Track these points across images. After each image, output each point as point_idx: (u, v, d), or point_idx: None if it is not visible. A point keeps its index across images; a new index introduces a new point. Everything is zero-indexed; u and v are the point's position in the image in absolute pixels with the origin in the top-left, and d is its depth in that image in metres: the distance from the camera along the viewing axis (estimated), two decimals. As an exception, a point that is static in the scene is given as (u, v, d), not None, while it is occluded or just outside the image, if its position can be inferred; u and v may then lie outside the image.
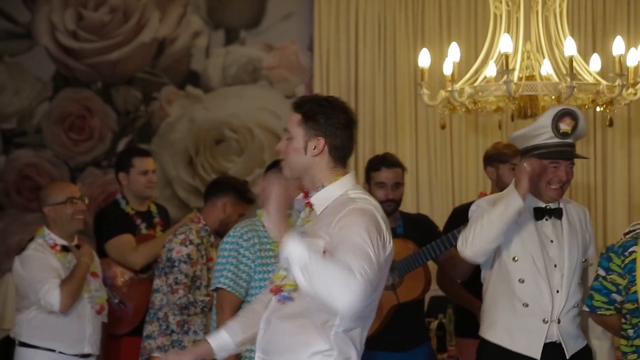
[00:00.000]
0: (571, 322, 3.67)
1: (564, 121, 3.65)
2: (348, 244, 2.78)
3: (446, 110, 5.12)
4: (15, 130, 6.94)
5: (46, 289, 4.25)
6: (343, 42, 6.55)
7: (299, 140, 2.98)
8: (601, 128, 6.28)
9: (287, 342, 2.90)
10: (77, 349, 4.38)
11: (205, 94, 6.83)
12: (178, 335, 4.56)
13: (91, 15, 6.88)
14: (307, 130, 2.97)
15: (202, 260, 4.56)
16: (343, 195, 2.95)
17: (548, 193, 3.71)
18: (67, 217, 4.37)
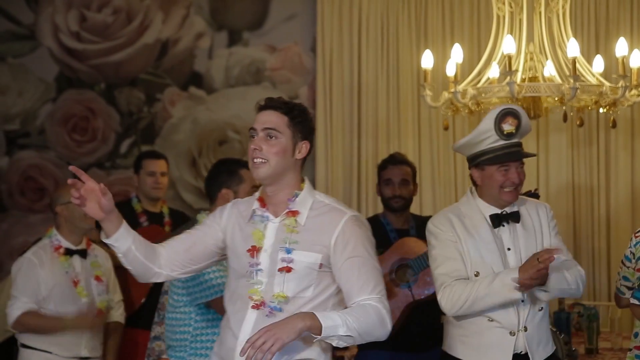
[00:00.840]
0: (538, 327, 3.56)
1: (506, 122, 3.54)
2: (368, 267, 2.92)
3: (449, 112, 5.12)
4: (18, 131, 6.95)
5: (11, 303, 4.33)
6: (346, 43, 6.55)
7: (288, 142, 2.97)
8: (604, 129, 6.28)
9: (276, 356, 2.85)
10: (74, 352, 4.39)
11: (208, 95, 6.84)
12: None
13: (94, 17, 6.88)
14: (295, 132, 2.98)
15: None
16: (315, 200, 2.99)
17: (502, 197, 3.56)
18: (80, 215, 4.35)
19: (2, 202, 6.91)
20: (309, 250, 2.93)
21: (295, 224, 2.96)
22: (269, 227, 2.99)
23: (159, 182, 5.28)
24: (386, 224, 4.52)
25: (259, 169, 2.96)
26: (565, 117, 5.04)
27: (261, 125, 2.98)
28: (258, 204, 3.02)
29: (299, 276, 2.94)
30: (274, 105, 2.99)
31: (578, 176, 6.35)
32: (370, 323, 2.86)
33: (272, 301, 2.93)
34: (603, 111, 5.04)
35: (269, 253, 2.96)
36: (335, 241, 2.92)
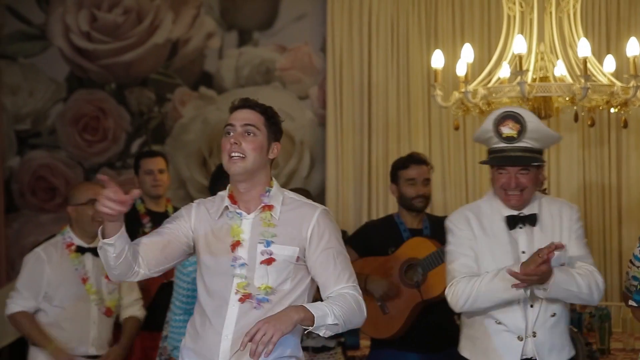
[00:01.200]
0: (550, 333, 3.48)
1: (505, 125, 3.48)
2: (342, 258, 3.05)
3: (460, 112, 5.12)
4: (29, 131, 6.97)
5: (12, 296, 4.41)
6: (356, 43, 6.54)
7: (264, 140, 3.07)
8: (615, 129, 6.26)
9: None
10: (81, 351, 4.40)
11: (218, 95, 6.85)
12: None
13: (105, 17, 6.90)
14: (270, 132, 3.08)
15: None
16: (284, 197, 3.08)
17: (506, 200, 3.52)
18: (88, 219, 4.40)
19: (13, 201, 6.94)
20: (286, 244, 3.01)
21: (271, 217, 3.03)
22: (244, 223, 3.04)
23: (157, 179, 5.24)
24: (400, 223, 4.52)
25: (236, 164, 3.02)
26: (576, 117, 5.03)
27: (240, 122, 3.05)
28: (229, 201, 3.08)
29: (278, 269, 3.00)
30: (250, 105, 3.09)
31: (589, 176, 6.33)
32: (351, 310, 2.97)
33: (259, 293, 2.99)
34: (614, 111, 5.03)
35: (246, 248, 3.01)
36: (311, 234, 3.02)
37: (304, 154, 6.74)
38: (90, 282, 4.42)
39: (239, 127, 3.04)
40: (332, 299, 2.98)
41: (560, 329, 3.53)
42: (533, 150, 3.49)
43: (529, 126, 3.46)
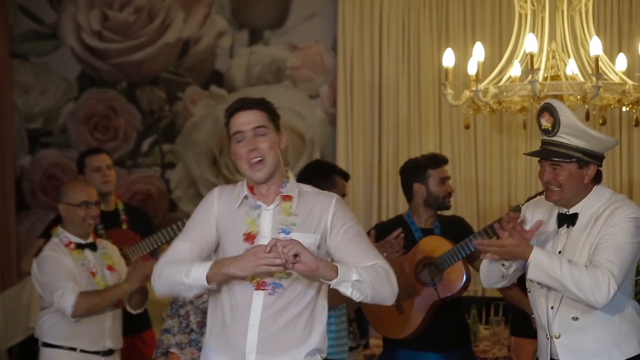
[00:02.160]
0: (577, 337, 3.37)
1: (543, 117, 3.43)
2: (365, 239, 3.11)
3: (470, 110, 5.10)
4: (41, 130, 6.99)
5: (60, 293, 4.25)
6: (367, 42, 6.54)
7: (274, 136, 3.09)
8: (627, 128, 6.24)
9: (285, 341, 3.00)
10: (99, 346, 4.38)
11: (229, 94, 6.85)
12: (197, 335, 4.57)
13: (116, 16, 6.91)
14: (274, 126, 3.10)
15: None
16: (300, 188, 3.12)
17: (546, 195, 3.45)
18: (78, 220, 4.40)
19: (24, 200, 6.96)
20: (307, 232, 3.05)
21: (290, 207, 3.06)
22: (263, 215, 3.07)
23: (106, 174, 5.15)
24: (411, 223, 4.51)
25: (260, 170, 3.04)
26: (587, 116, 5.00)
27: (249, 126, 3.06)
28: (248, 191, 3.10)
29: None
30: (250, 105, 3.08)
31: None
32: (379, 278, 2.97)
33: (275, 279, 3.01)
34: (626, 110, 5.01)
35: (268, 238, 3.00)
36: (332, 220, 3.07)
37: (315, 153, 6.74)
38: (98, 275, 4.41)
39: (249, 131, 3.05)
40: (361, 267, 2.99)
41: (592, 334, 3.38)
42: (569, 147, 3.39)
43: (563, 120, 3.38)
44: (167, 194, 6.87)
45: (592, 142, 3.42)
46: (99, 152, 5.28)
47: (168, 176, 6.90)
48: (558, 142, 3.40)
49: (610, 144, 3.52)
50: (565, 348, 3.40)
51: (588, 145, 3.41)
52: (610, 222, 3.36)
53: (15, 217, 6.85)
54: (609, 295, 3.26)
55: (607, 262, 3.30)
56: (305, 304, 3.04)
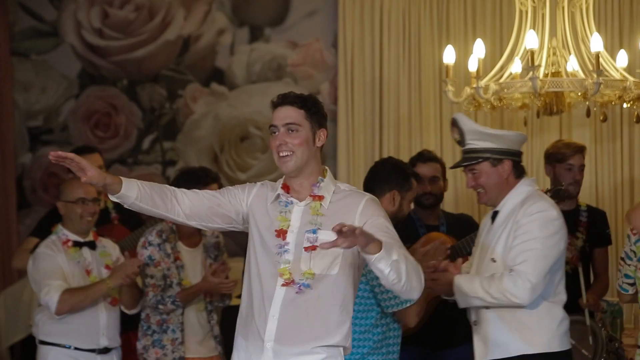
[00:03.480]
0: (488, 326, 3.63)
1: (453, 131, 3.75)
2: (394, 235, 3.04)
3: (471, 107, 5.10)
4: (41, 127, 6.99)
5: (46, 290, 4.26)
6: (367, 39, 6.53)
7: (308, 133, 3.13)
8: (628, 124, 6.23)
9: (304, 334, 3.06)
10: (92, 343, 4.36)
11: (230, 91, 6.85)
12: (158, 335, 4.57)
13: (117, 13, 6.91)
14: (313, 123, 3.14)
15: (168, 259, 4.53)
16: (336, 187, 3.17)
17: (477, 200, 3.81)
18: (76, 217, 4.40)
19: (25, 198, 6.96)
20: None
21: (320, 207, 3.12)
22: (294, 211, 3.14)
23: None
24: (416, 219, 4.52)
25: (288, 162, 3.12)
26: (588, 113, 5.00)
27: (281, 121, 3.12)
28: (282, 190, 3.18)
29: (324, 255, 3.07)
30: (289, 100, 3.15)
31: (601, 172, 6.30)
32: (414, 266, 2.98)
33: (301, 279, 3.07)
34: (627, 106, 5.01)
35: (295, 234, 3.11)
36: (359, 217, 3.08)
37: (316, 150, 6.73)
38: (93, 274, 4.40)
39: (281, 126, 3.12)
40: None
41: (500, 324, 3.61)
42: (477, 150, 3.67)
43: (465, 129, 3.67)
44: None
45: (497, 140, 3.64)
46: (92, 152, 5.24)
47: (169, 174, 6.90)
48: (468, 149, 3.68)
49: (518, 138, 3.73)
50: (478, 335, 3.64)
51: (496, 144, 3.63)
52: (522, 220, 3.54)
53: (17, 215, 6.84)
54: (529, 295, 3.48)
55: (521, 264, 3.51)
56: (329, 300, 3.08)
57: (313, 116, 3.14)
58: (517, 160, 3.70)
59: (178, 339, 4.50)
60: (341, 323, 3.11)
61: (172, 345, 4.50)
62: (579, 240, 4.73)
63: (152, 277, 4.51)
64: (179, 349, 4.50)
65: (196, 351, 4.54)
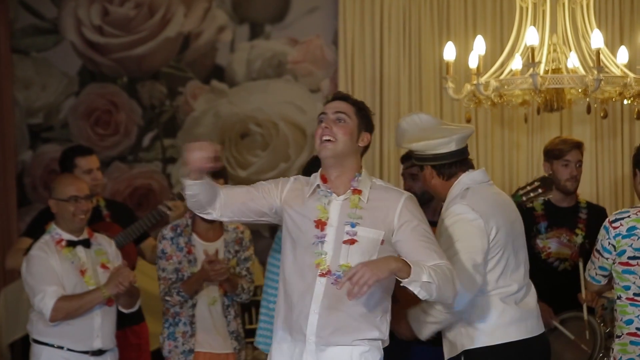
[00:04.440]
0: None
1: None
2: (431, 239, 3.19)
3: (472, 104, 5.10)
4: (42, 125, 6.99)
5: (41, 297, 4.20)
6: (368, 35, 6.53)
7: (354, 127, 3.23)
8: (629, 121, 6.23)
9: (345, 328, 3.14)
10: (86, 345, 4.29)
11: (230, 89, 6.85)
12: (173, 327, 4.60)
13: (117, 11, 6.91)
14: (361, 122, 3.24)
15: (180, 253, 4.55)
16: (373, 183, 3.25)
17: None
18: (69, 215, 4.31)
19: (25, 195, 6.96)
20: (372, 227, 3.17)
21: (359, 201, 3.19)
22: (333, 204, 3.22)
23: (97, 178, 5.06)
24: None
25: (327, 146, 3.20)
26: (589, 109, 4.99)
27: (332, 110, 3.24)
28: (321, 181, 3.25)
29: (362, 250, 3.15)
30: (343, 96, 3.29)
31: (602, 168, 6.30)
32: (445, 278, 3.07)
33: (338, 270, 3.14)
34: (627, 102, 5.00)
35: (335, 227, 3.19)
36: (398, 218, 3.17)
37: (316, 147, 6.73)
38: (88, 273, 4.32)
39: (331, 114, 3.23)
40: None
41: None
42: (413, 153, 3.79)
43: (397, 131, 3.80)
44: (168, 188, 6.87)
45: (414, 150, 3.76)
46: (90, 154, 5.16)
47: (169, 171, 6.90)
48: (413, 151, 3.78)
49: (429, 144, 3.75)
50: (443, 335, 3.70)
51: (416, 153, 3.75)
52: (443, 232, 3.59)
53: (17, 213, 6.85)
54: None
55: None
56: (367, 295, 3.10)
57: (362, 117, 3.25)
58: (437, 163, 3.70)
59: (188, 331, 4.52)
60: (380, 317, 3.20)
61: (182, 337, 4.53)
62: (579, 236, 4.73)
63: (164, 271, 4.55)
64: (188, 341, 4.52)
65: (207, 345, 4.53)
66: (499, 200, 3.72)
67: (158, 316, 4.96)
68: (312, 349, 3.15)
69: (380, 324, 3.21)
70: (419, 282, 3.00)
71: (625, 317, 3.83)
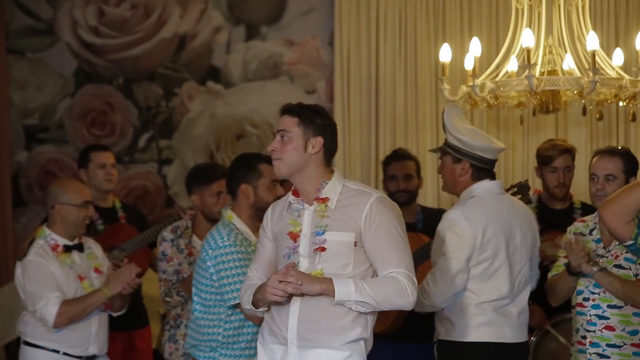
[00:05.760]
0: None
1: None
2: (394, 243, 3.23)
3: (467, 106, 5.10)
4: (37, 125, 6.98)
5: (43, 303, 4.16)
6: (364, 37, 6.53)
7: (298, 140, 3.29)
8: (624, 123, 6.24)
9: (325, 329, 3.20)
10: (82, 350, 4.28)
11: (226, 90, 6.84)
12: (174, 330, 4.59)
13: (113, 11, 6.90)
14: (306, 130, 3.30)
15: (180, 254, 4.55)
16: (344, 187, 3.31)
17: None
18: (78, 221, 4.29)
19: (21, 196, 6.95)
20: (342, 230, 3.24)
21: (325, 209, 3.26)
22: (305, 214, 3.30)
23: (111, 173, 5.23)
24: None
25: (276, 167, 3.33)
26: (584, 111, 5.00)
27: (278, 127, 3.36)
28: (292, 196, 3.35)
29: (334, 254, 3.23)
30: (287, 109, 3.36)
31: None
32: (387, 292, 3.17)
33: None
34: (623, 104, 5.00)
35: (307, 237, 3.27)
36: (364, 220, 3.23)
37: (312, 149, 6.73)
38: (86, 280, 4.31)
39: (277, 133, 3.34)
40: (370, 279, 3.22)
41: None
42: (447, 144, 4.00)
43: (445, 122, 3.98)
44: (164, 189, 6.87)
45: (460, 142, 3.94)
46: (105, 150, 5.34)
47: (165, 172, 6.90)
48: (446, 140, 3.98)
49: (481, 146, 3.99)
50: None
51: (460, 145, 3.92)
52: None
53: (12, 214, 6.84)
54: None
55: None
56: None
57: (306, 125, 3.30)
58: (477, 164, 3.96)
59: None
60: (359, 317, 3.23)
61: (183, 340, 4.50)
62: None
63: (164, 272, 4.56)
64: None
65: None
66: (503, 212, 3.94)
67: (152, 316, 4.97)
68: (294, 352, 3.22)
69: (360, 323, 3.24)
70: (351, 301, 3.14)
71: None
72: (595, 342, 3.86)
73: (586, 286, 3.89)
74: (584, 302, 3.89)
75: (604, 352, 3.84)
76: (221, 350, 3.84)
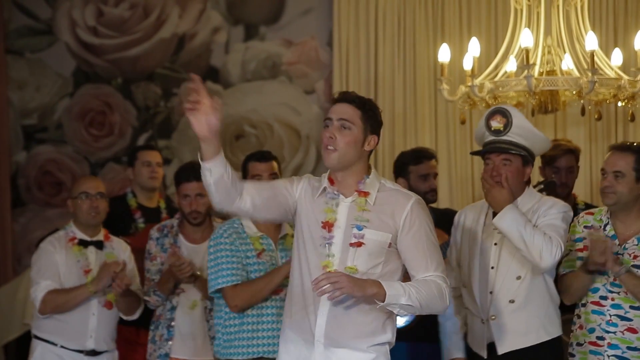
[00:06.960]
0: (509, 318, 3.77)
1: (494, 119, 3.81)
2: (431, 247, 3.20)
3: (466, 106, 5.11)
4: (36, 126, 6.98)
5: (35, 288, 4.32)
6: (363, 37, 6.53)
7: (359, 134, 3.18)
8: (622, 123, 6.24)
9: (354, 332, 3.15)
10: (79, 344, 4.35)
11: (224, 90, 6.84)
12: (154, 331, 4.56)
13: (111, 11, 6.90)
14: (366, 126, 3.19)
15: (164, 254, 4.52)
16: (381, 185, 3.23)
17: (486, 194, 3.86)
18: (81, 212, 4.43)
19: (20, 196, 6.95)
20: (379, 230, 3.17)
21: (366, 203, 3.18)
22: (340, 206, 3.20)
23: (155, 171, 5.35)
24: None
25: (330, 155, 3.18)
26: (583, 111, 5.01)
27: (337, 116, 3.19)
28: (328, 183, 3.24)
29: (369, 252, 3.16)
30: (349, 98, 3.22)
31: (596, 170, 6.30)
32: (431, 296, 3.11)
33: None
34: (621, 104, 5.01)
35: (342, 229, 3.18)
36: (403, 222, 3.18)
37: (310, 149, 6.74)
38: (92, 274, 4.37)
39: (335, 120, 3.17)
40: (414, 282, 3.15)
41: (527, 315, 3.77)
42: (518, 145, 3.77)
43: (515, 121, 3.77)
44: (163, 189, 6.86)
45: (533, 140, 3.83)
46: (152, 149, 5.51)
47: (164, 172, 6.88)
48: (508, 140, 3.79)
49: (544, 143, 3.93)
50: (500, 329, 3.75)
51: (528, 143, 3.81)
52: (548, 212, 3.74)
53: (11, 214, 6.83)
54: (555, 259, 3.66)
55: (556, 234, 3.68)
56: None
57: (368, 119, 3.20)
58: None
59: (164, 335, 4.46)
60: (387, 320, 3.20)
61: (159, 341, 4.48)
62: None
63: (148, 271, 4.53)
64: (164, 345, 4.46)
65: (179, 351, 4.45)
66: None
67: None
68: (320, 350, 3.16)
69: (388, 327, 3.22)
70: (397, 305, 3.07)
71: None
72: (614, 344, 3.70)
73: (603, 284, 3.74)
74: (601, 301, 3.74)
75: (623, 355, 3.68)
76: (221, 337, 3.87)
